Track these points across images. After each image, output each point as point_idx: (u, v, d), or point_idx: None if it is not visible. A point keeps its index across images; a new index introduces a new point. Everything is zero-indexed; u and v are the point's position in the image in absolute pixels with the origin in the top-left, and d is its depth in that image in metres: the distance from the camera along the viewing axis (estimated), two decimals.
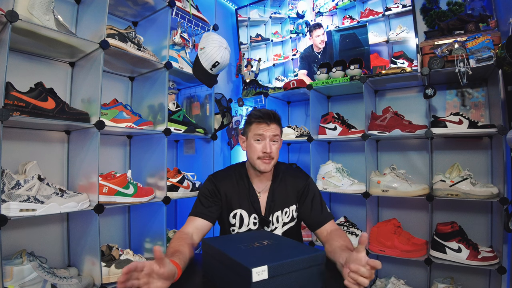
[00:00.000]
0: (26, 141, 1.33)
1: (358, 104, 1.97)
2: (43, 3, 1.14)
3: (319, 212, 1.25)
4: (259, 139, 1.23)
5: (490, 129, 1.50)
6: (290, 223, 1.29)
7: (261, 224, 1.26)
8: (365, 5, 2.03)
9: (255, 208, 1.26)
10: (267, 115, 1.23)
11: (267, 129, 1.22)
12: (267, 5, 2.42)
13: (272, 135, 1.22)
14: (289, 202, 1.29)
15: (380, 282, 1.76)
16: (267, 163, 1.22)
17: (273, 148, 1.23)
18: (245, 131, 1.29)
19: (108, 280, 1.28)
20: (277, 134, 1.24)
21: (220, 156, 2.28)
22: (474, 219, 1.69)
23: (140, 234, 1.67)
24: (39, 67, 1.38)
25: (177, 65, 1.67)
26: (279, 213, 1.28)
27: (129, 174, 1.45)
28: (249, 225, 1.25)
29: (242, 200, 1.27)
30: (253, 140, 1.23)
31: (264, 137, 1.22)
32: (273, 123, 1.23)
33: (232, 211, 1.26)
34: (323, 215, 1.25)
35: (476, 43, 1.47)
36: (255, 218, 1.26)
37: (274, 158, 1.24)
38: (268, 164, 1.22)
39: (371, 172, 1.80)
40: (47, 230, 1.37)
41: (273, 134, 1.23)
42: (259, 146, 1.22)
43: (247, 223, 1.25)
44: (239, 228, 1.25)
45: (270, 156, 1.22)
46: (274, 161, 1.24)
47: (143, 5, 1.62)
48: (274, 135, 1.23)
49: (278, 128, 1.25)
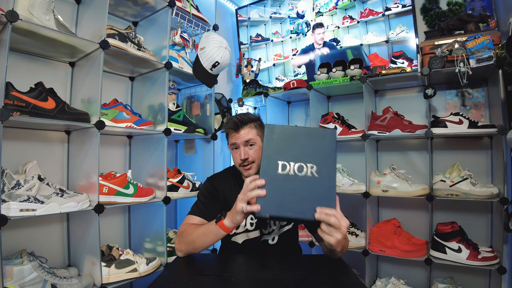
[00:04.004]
0: (26, 141, 1.33)
1: (358, 104, 1.97)
2: (43, 3, 1.14)
3: None
4: (234, 148, 1.24)
5: (490, 129, 1.50)
6: (287, 225, 1.30)
7: (258, 225, 1.26)
8: (365, 5, 2.03)
9: None
10: (234, 123, 1.22)
11: (237, 136, 1.22)
12: (267, 5, 2.42)
13: (244, 141, 1.21)
14: None
15: (380, 282, 1.76)
16: (248, 169, 1.22)
17: (250, 152, 1.21)
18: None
19: (108, 280, 1.28)
20: (251, 138, 1.21)
21: (220, 156, 2.28)
22: (474, 219, 1.69)
23: (140, 234, 1.67)
24: (39, 67, 1.38)
25: (177, 65, 1.67)
26: None
27: (129, 174, 1.45)
28: (246, 226, 1.26)
29: None
30: (232, 151, 1.26)
31: (237, 144, 1.23)
32: (242, 128, 1.22)
33: None
34: None
35: (476, 43, 1.47)
36: (252, 219, 1.26)
37: (254, 161, 1.22)
38: (250, 169, 1.22)
39: (371, 172, 1.80)
40: (47, 230, 1.37)
41: (245, 139, 1.21)
42: (237, 155, 1.23)
43: (244, 224, 1.26)
44: (236, 228, 1.26)
45: (249, 161, 1.21)
46: (256, 163, 1.22)
47: (143, 5, 1.62)
48: (246, 141, 1.21)
49: (251, 131, 1.22)
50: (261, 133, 1.27)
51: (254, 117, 1.26)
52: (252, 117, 1.26)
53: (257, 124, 1.26)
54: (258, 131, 1.25)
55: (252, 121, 1.24)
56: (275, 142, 0.87)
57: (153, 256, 1.51)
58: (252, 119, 1.25)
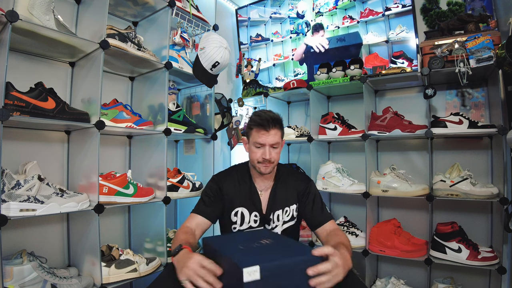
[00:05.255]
0: (26, 141, 1.33)
1: (358, 104, 1.96)
2: (43, 3, 1.14)
3: (319, 212, 1.28)
4: (259, 146, 1.25)
5: (490, 129, 1.50)
6: (290, 222, 1.32)
7: (261, 221, 1.28)
8: (365, 5, 2.03)
9: (256, 206, 1.29)
10: (266, 121, 1.22)
11: (266, 136, 1.22)
12: (267, 5, 2.42)
13: (272, 143, 1.23)
14: (290, 201, 1.32)
15: (380, 282, 1.76)
16: (267, 166, 1.25)
17: (273, 153, 1.24)
18: (247, 134, 1.31)
19: (108, 280, 1.28)
20: (277, 142, 1.24)
21: (220, 156, 2.28)
22: (474, 219, 1.69)
23: (140, 234, 1.67)
24: (39, 67, 1.38)
25: (177, 65, 1.67)
26: (280, 211, 1.30)
27: (129, 174, 1.45)
28: (249, 222, 1.28)
29: (243, 198, 1.30)
30: (254, 147, 1.26)
31: (264, 145, 1.23)
32: (272, 128, 1.22)
33: (233, 209, 1.29)
34: (323, 215, 1.27)
35: (476, 43, 1.47)
36: (256, 216, 1.29)
37: (274, 162, 1.26)
38: (268, 167, 1.25)
39: (371, 172, 1.79)
40: (47, 230, 1.37)
41: (273, 142, 1.23)
42: (259, 152, 1.24)
43: (247, 220, 1.28)
44: (240, 225, 1.28)
45: (270, 161, 1.24)
46: (274, 164, 1.27)
47: (143, 5, 1.62)
48: (273, 143, 1.23)
49: (278, 133, 1.25)
50: (283, 135, 1.30)
51: (280, 118, 1.28)
52: (280, 118, 1.28)
53: (281, 125, 1.28)
54: (282, 133, 1.28)
55: (280, 122, 1.27)
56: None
57: (153, 256, 1.51)
58: (280, 119, 1.27)
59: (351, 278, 0.92)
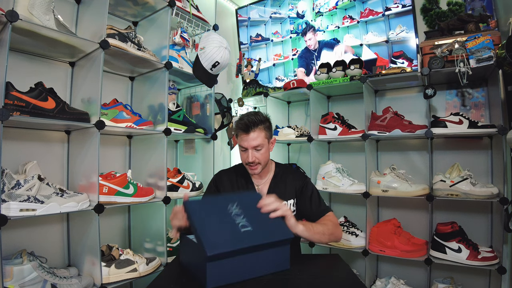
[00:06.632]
0: (26, 141, 1.33)
1: (358, 104, 1.97)
2: (43, 3, 1.14)
3: (317, 205, 1.33)
4: (243, 150, 1.29)
5: (490, 129, 1.50)
6: None
7: None
8: (365, 5, 2.03)
9: None
10: (245, 125, 1.25)
11: (247, 140, 1.26)
12: (267, 5, 2.42)
13: (253, 146, 1.26)
14: (288, 196, 1.36)
15: (380, 282, 1.76)
16: (254, 168, 1.29)
17: (257, 155, 1.27)
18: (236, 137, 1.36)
19: (108, 280, 1.28)
20: (260, 143, 1.26)
21: (220, 156, 2.28)
22: (474, 219, 1.69)
23: (140, 234, 1.67)
24: (39, 67, 1.38)
25: (177, 65, 1.67)
26: None
27: (129, 174, 1.45)
28: None
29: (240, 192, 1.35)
30: (240, 150, 1.32)
31: (246, 148, 1.27)
32: (253, 131, 1.25)
33: None
34: (321, 208, 1.32)
35: (476, 43, 1.47)
36: None
37: (261, 162, 1.29)
38: (255, 169, 1.30)
39: (371, 172, 1.79)
40: (47, 230, 1.37)
41: (255, 145, 1.25)
42: (244, 155, 1.29)
43: None
44: None
45: (255, 163, 1.28)
46: (262, 164, 1.30)
47: (143, 5, 1.62)
48: (255, 146, 1.26)
49: (261, 134, 1.27)
50: (269, 135, 1.32)
51: (263, 119, 1.30)
52: (262, 118, 1.29)
53: (265, 126, 1.30)
54: (266, 134, 1.30)
55: (262, 123, 1.28)
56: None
57: (153, 256, 1.51)
58: (261, 120, 1.28)
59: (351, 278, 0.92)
